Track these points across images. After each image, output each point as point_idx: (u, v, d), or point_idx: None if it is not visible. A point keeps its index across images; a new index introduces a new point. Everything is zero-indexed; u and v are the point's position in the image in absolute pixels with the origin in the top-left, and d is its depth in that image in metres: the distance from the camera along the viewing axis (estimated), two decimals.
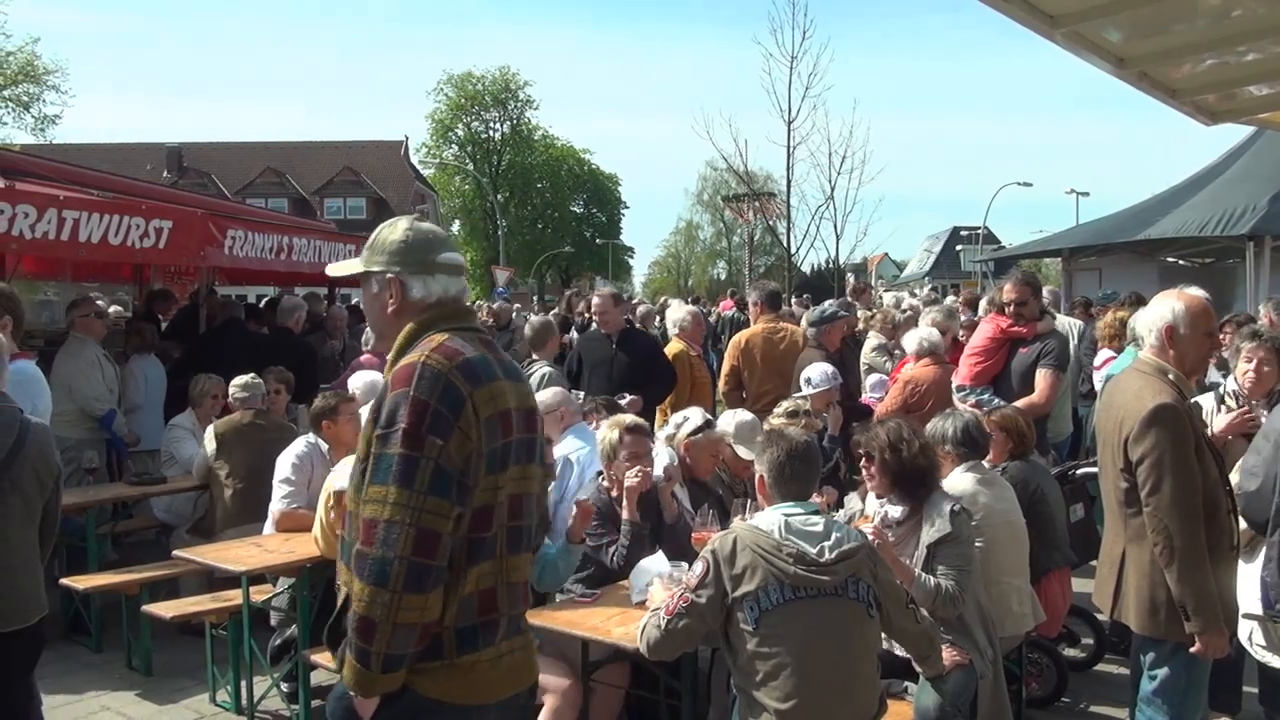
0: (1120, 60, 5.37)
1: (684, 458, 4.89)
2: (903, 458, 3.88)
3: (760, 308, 7.89)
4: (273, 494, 5.38)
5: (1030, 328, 6.09)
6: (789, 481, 3.18)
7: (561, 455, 5.14)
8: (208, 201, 11.27)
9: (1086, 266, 16.40)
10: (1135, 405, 3.29)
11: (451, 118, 61.13)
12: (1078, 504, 5.41)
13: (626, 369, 7.08)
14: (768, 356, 7.45)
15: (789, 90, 20.80)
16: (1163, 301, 3.45)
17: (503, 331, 11.81)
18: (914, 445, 3.90)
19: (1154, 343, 3.41)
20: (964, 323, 8.36)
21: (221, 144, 54.50)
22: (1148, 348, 3.46)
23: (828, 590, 2.99)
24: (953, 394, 6.23)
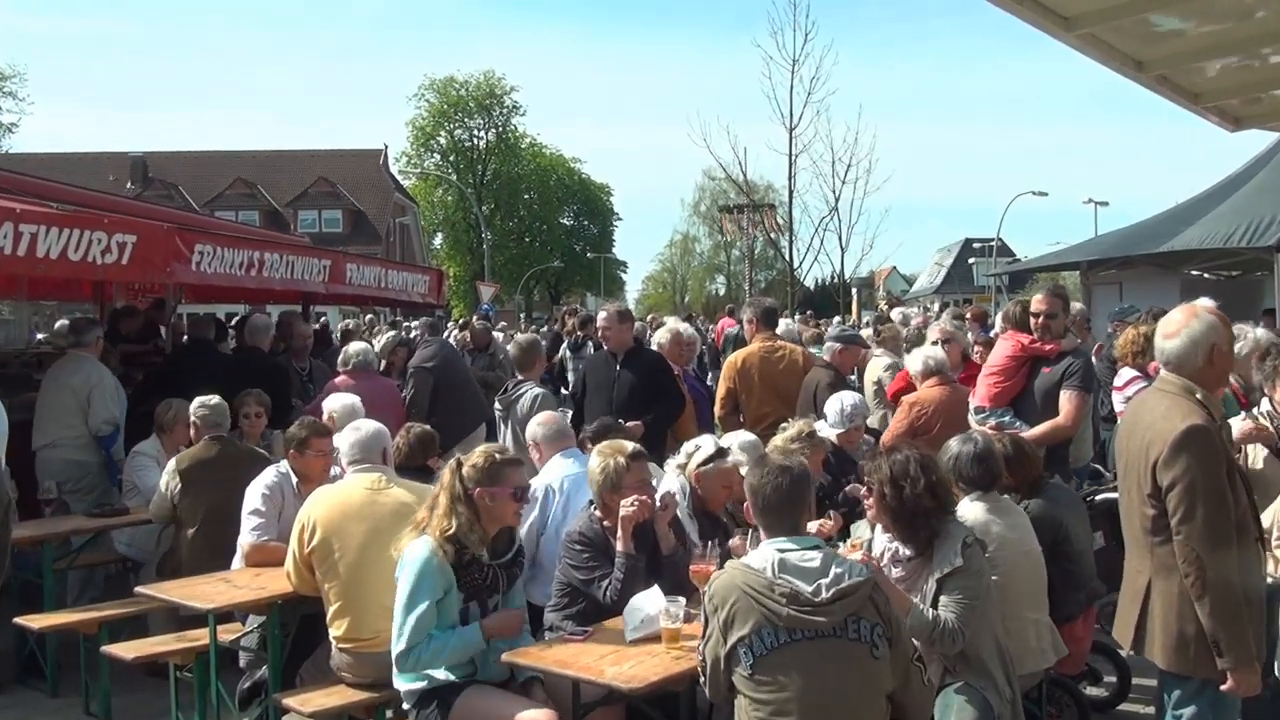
0: (1139, 63, 5.42)
1: (695, 488, 4.88)
2: (903, 496, 3.77)
3: (755, 325, 7.85)
4: (241, 525, 5.36)
5: (1054, 345, 6.06)
6: (770, 510, 3.17)
7: (545, 483, 5.14)
8: (174, 214, 11.28)
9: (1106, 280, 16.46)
10: (1164, 427, 3.28)
11: (433, 125, 61.33)
12: (1098, 531, 5.40)
13: (629, 391, 7.04)
14: (766, 377, 7.44)
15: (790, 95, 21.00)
16: (1197, 320, 3.42)
17: (481, 354, 11.77)
18: (919, 484, 3.77)
19: (1199, 364, 3.38)
20: (979, 339, 8.37)
21: (189, 153, 54.52)
22: (1188, 369, 3.41)
23: (825, 631, 2.97)
24: (969, 416, 6.22)
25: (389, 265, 12.09)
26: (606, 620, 4.15)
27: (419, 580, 3.86)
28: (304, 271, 8.65)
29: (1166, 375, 3.47)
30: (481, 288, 30.91)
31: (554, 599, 4.46)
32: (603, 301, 54.02)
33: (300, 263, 8.66)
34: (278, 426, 7.22)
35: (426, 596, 3.85)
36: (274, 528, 5.29)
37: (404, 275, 11.17)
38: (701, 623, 3.21)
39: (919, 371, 6.76)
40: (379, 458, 4.89)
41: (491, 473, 4.01)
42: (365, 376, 7.99)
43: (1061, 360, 6.01)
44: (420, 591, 3.85)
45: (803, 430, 5.54)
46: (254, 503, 5.34)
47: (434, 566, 3.87)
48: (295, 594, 4.74)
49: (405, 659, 3.83)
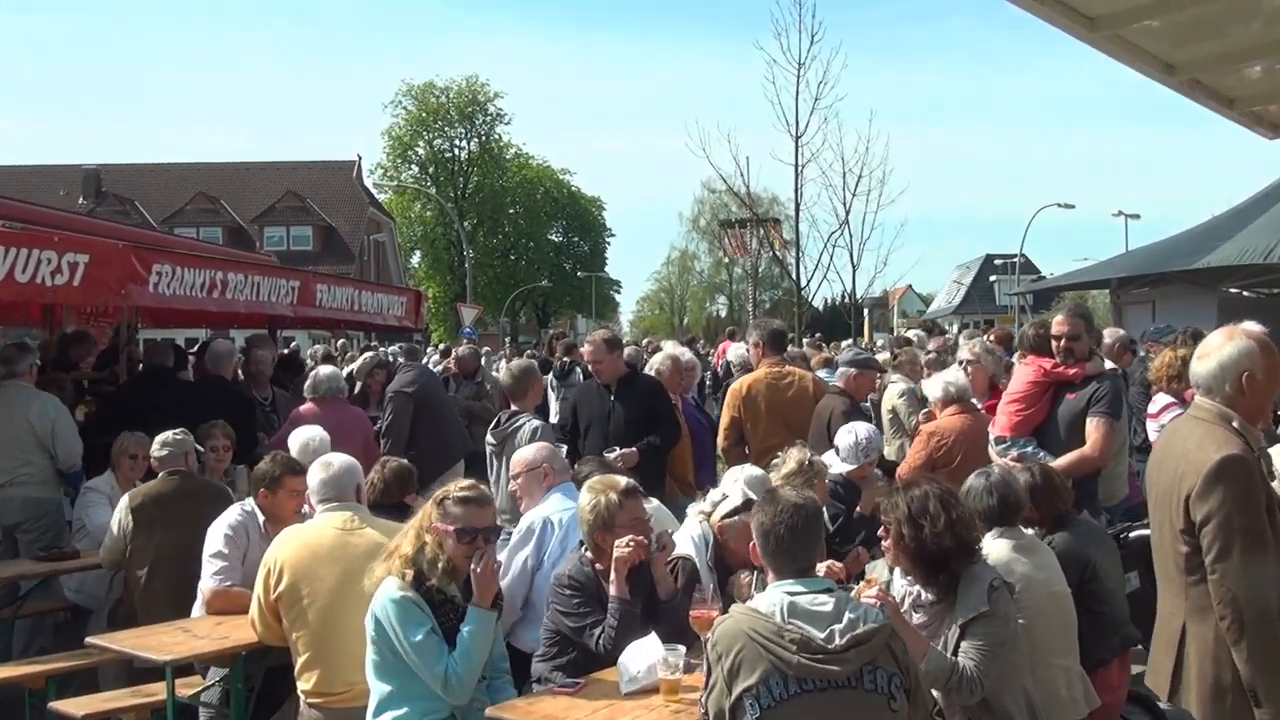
0: (1169, 67, 5.47)
1: (719, 539, 4.86)
2: (922, 536, 3.76)
3: (762, 349, 7.86)
4: (203, 569, 5.33)
5: (1079, 369, 6.06)
6: (777, 551, 3.17)
7: (543, 516, 5.12)
8: (130, 232, 11.29)
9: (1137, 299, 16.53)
10: (1197, 457, 3.29)
11: (411, 134, 61.56)
12: (1132, 572, 5.40)
13: (626, 424, 7.03)
14: (774, 405, 7.44)
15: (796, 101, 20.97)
16: (1233, 344, 3.42)
17: (468, 381, 11.76)
18: (939, 522, 3.76)
19: (1229, 392, 3.38)
20: None
21: (146, 166, 54.62)
22: (1218, 396, 3.42)
23: (839, 681, 2.96)
24: (989, 447, 6.23)
25: (363, 286, 12.11)
26: (599, 671, 4.13)
27: (403, 617, 3.86)
28: (270, 293, 8.65)
29: (1201, 401, 3.47)
30: (463, 310, 30.89)
31: (542, 648, 4.44)
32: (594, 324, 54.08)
33: (266, 283, 8.67)
34: (242, 461, 7.21)
35: (421, 624, 3.86)
36: (238, 572, 5.26)
37: (379, 297, 11.18)
38: (704, 672, 3.20)
39: (938, 398, 6.76)
40: (351, 495, 4.88)
41: (443, 507, 4.03)
42: (334, 405, 7.99)
43: (1087, 385, 6.00)
44: (411, 626, 3.85)
45: (801, 462, 5.52)
46: (216, 544, 5.32)
47: (410, 601, 3.88)
48: (261, 644, 4.71)
49: (452, 688, 3.86)
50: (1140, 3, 4.74)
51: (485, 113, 62.73)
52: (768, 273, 58.95)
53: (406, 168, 62.61)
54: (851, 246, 22.82)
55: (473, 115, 62.37)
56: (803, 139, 21.10)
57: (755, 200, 27.67)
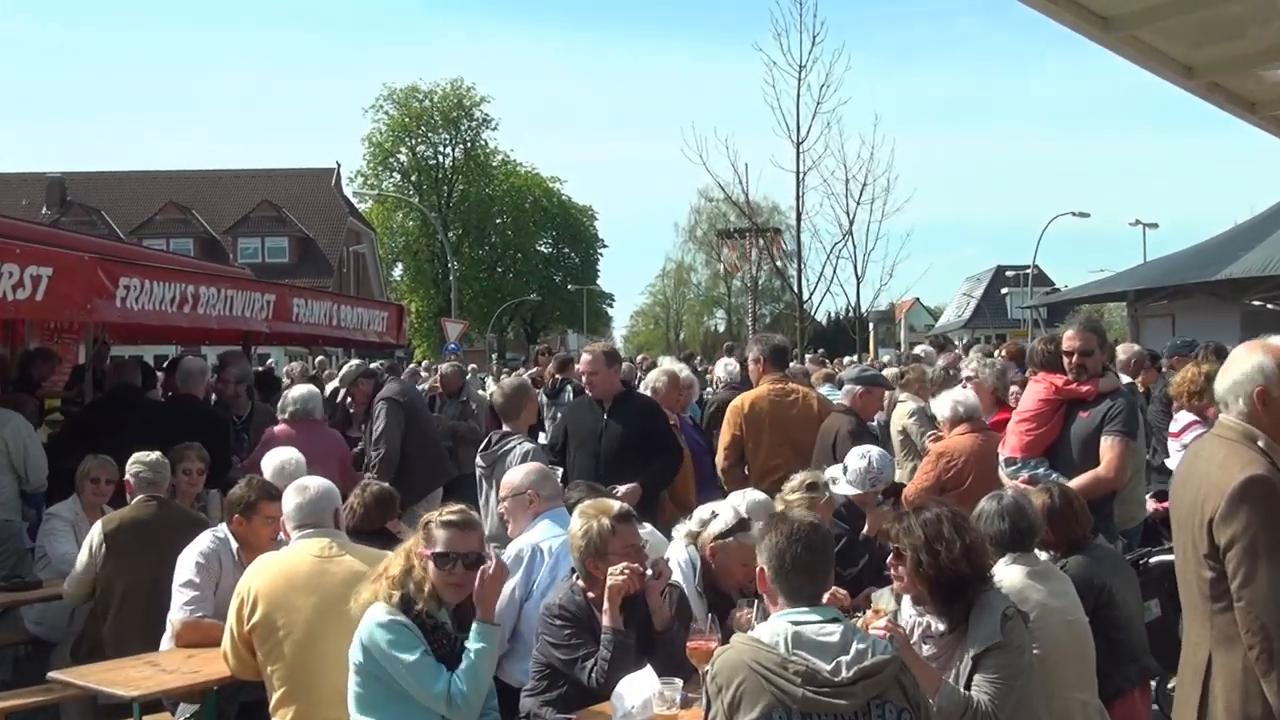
0: (1188, 69, 5.50)
1: (708, 562, 4.85)
2: (940, 562, 3.76)
3: (763, 365, 7.86)
4: (173, 600, 5.32)
5: (1092, 385, 6.08)
6: (792, 574, 3.17)
7: (532, 543, 5.12)
8: (96, 243, 11.27)
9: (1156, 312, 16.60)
10: (1220, 478, 3.29)
11: (393, 141, 61.68)
12: (1152, 600, 5.40)
13: (618, 444, 7.02)
14: (777, 423, 7.44)
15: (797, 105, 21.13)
16: (1247, 358, 3.43)
17: (452, 400, 11.75)
18: (955, 547, 3.77)
19: (1241, 409, 3.40)
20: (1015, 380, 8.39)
21: (114, 174, 54.66)
22: (1233, 413, 3.45)
23: (845, 716, 2.96)
24: (999, 469, 6.24)
25: (342, 300, 12.10)
26: (593, 706, 4.13)
27: (394, 640, 3.86)
28: (245, 307, 8.65)
29: (1224, 419, 3.48)
30: (448, 325, 30.92)
31: (531, 682, 4.44)
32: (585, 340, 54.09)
33: (240, 297, 8.66)
34: (214, 485, 7.19)
35: (414, 645, 3.85)
36: (210, 602, 5.25)
37: (359, 311, 11.18)
38: (703, 707, 3.20)
39: (946, 417, 6.78)
40: (329, 520, 4.87)
41: (427, 530, 4.04)
42: (308, 427, 7.98)
43: (1100, 403, 6.02)
44: (403, 648, 3.85)
45: (803, 481, 5.52)
46: (187, 573, 5.30)
47: (400, 624, 3.88)
48: (234, 679, 4.70)
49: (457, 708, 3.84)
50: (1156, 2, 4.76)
51: (471, 118, 62.88)
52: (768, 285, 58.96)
53: (388, 176, 62.69)
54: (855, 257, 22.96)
55: (457, 120, 62.50)
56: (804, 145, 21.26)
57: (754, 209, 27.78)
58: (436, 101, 62.00)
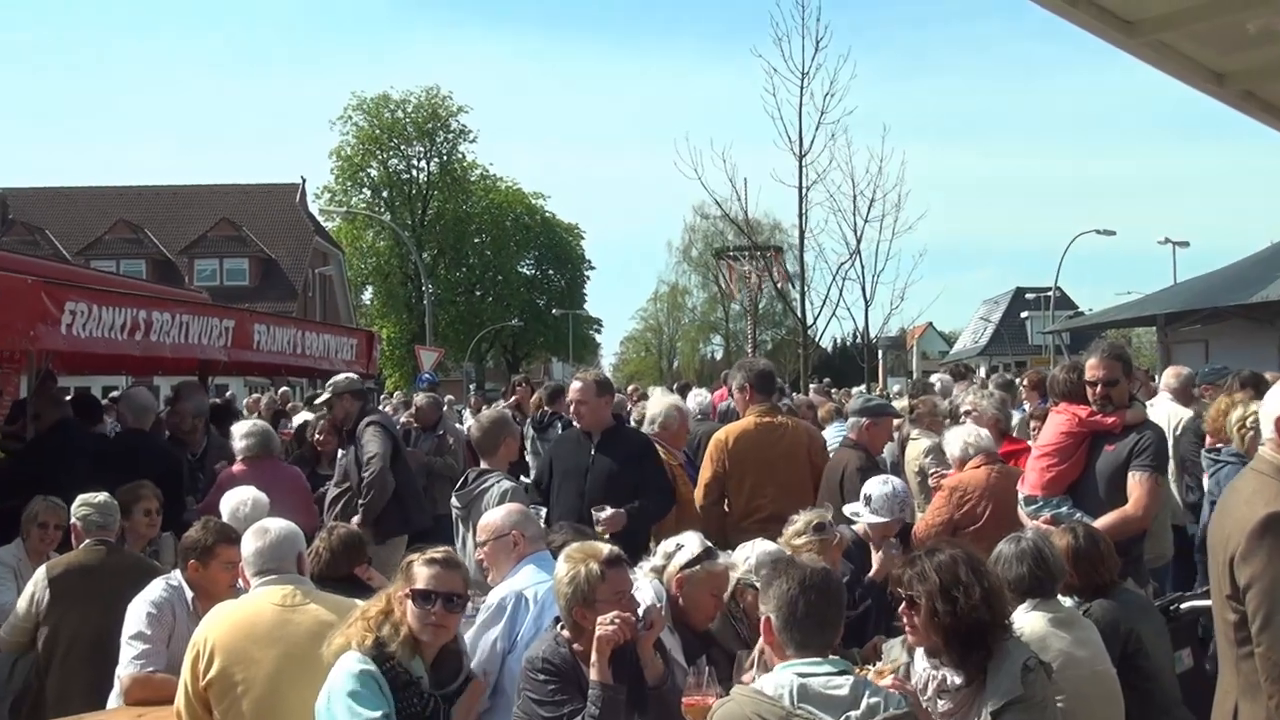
0: (1218, 76, 5.55)
1: (676, 596, 4.86)
2: (958, 610, 3.76)
3: (749, 394, 7.82)
4: (121, 653, 5.29)
5: (1118, 417, 6.10)
6: (802, 624, 3.17)
7: (514, 591, 5.11)
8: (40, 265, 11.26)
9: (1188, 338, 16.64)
10: (1244, 514, 3.31)
11: (362, 154, 61.83)
12: (1184, 649, 5.40)
13: (607, 480, 7.01)
14: (764, 459, 7.41)
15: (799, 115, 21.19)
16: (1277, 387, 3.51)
17: (428, 434, 11.74)
18: (974, 592, 3.78)
19: (1272, 437, 3.43)
20: (1033, 412, 8.41)
21: (60, 190, 54.68)
22: (1268, 445, 3.47)
23: None
24: (1019, 507, 6.25)
25: (307, 326, 12.09)
26: None
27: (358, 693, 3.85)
28: (201, 334, 8.64)
29: (1261, 451, 3.51)
30: (422, 353, 30.94)
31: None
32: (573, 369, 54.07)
33: (197, 324, 8.66)
34: (168, 528, 7.17)
35: (375, 705, 3.84)
36: (162, 656, 5.22)
37: (326, 338, 11.17)
38: None
39: (957, 456, 6.82)
40: (292, 566, 4.86)
41: (409, 570, 4.06)
42: (266, 464, 7.96)
43: (1127, 435, 6.03)
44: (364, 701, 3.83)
45: (810, 522, 5.53)
46: (137, 624, 5.28)
47: (369, 675, 3.86)
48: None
49: None
50: (1182, 5, 4.81)
51: (447, 129, 63.08)
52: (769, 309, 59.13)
53: (357, 191, 62.80)
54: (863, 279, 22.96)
55: (433, 132, 62.69)
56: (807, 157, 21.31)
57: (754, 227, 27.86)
58: (409, 112, 62.19)
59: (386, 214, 60.12)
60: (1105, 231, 42.92)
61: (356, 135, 61.66)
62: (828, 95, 21.06)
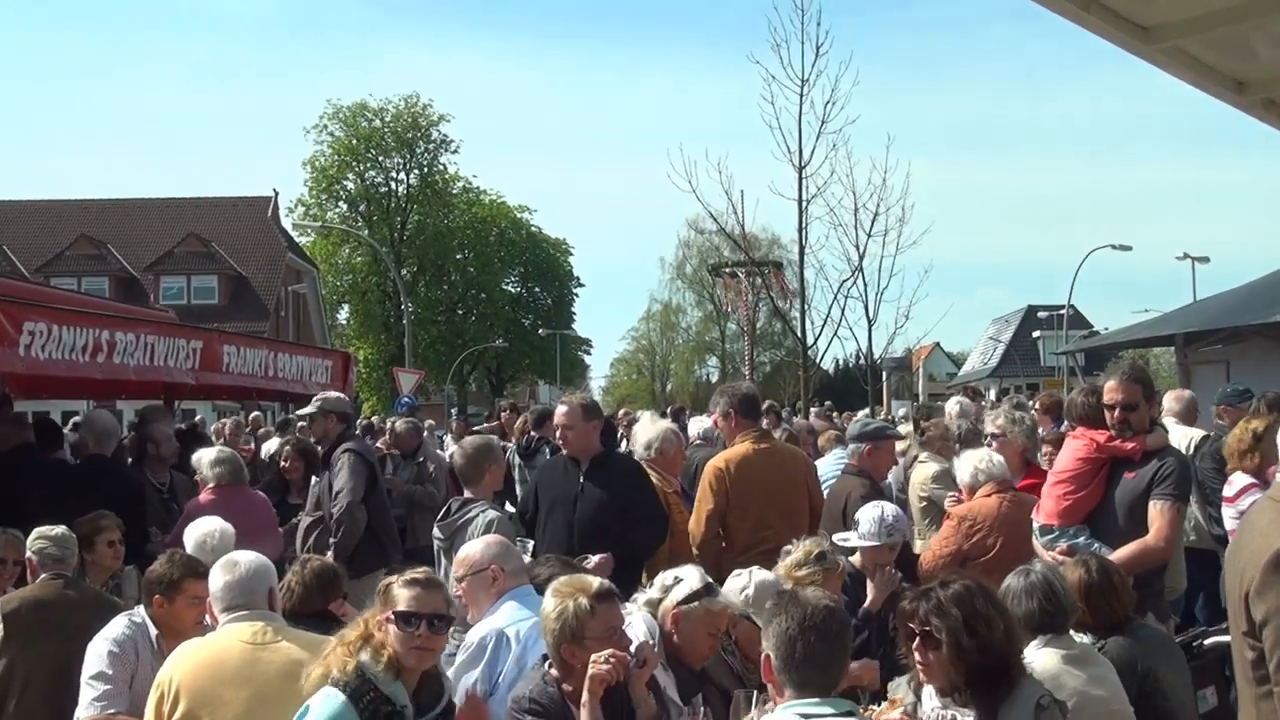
0: (1239, 84, 5.57)
1: (670, 633, 4.84)
2: (984, 644, 3.77)
3: (735, 419, 7.74)
4: (81, 694, 5.26)
5: (1138, 443, 6.09)
6: (801, 665, 3.16)
7: (495, 629, 5.09)
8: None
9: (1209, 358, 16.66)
10: (1260, 545, 3.30)
11: (338, 165, 61.97)
12: (1207, 688, 5.40)
13: (595, 509, 6.98)
14: (768, 487, 7.35)
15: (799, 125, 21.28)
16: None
17: (407, 462, 11.71)
18: (997, 626, 3.79)
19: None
20: (1047, 437, 8.40)
21: (18, 203, 54.63)
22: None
23: None
24: (1034, 538, 6.24)
25: (279, 347, 12.10)
26: None
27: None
28: (167, 356, 8.63)
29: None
30: (401, 375, 30.91)
31: None
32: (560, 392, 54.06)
33: (163, 345, 8.65)
34: (131, 561, 7.13)
35: None
36: (124, 697, 5.20)
37: (299, 360, 11.16)
38: None
39: (967, 484, 6.82)
40: (262, 601, 4.84)
41: (388, 592, 4.06)
42: (235, 493, 7.94)
43: (1148, 462, 6.02)
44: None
45: (810, 551, 5.52)
46: (98, 663, 5.25)
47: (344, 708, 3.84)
48: None
49: None
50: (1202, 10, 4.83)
51: (428, 139, 63.27)
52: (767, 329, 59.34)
53: (333, 205, 62.91)
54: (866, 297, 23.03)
55: (413, 142, 62.88)
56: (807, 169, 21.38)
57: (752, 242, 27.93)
58: (388, 121, 62.39)
59: (364, 229, 60.17)
60: (1121, 246, 43.11)
61: (332, 146, 61.82)
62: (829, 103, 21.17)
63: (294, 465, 9.76)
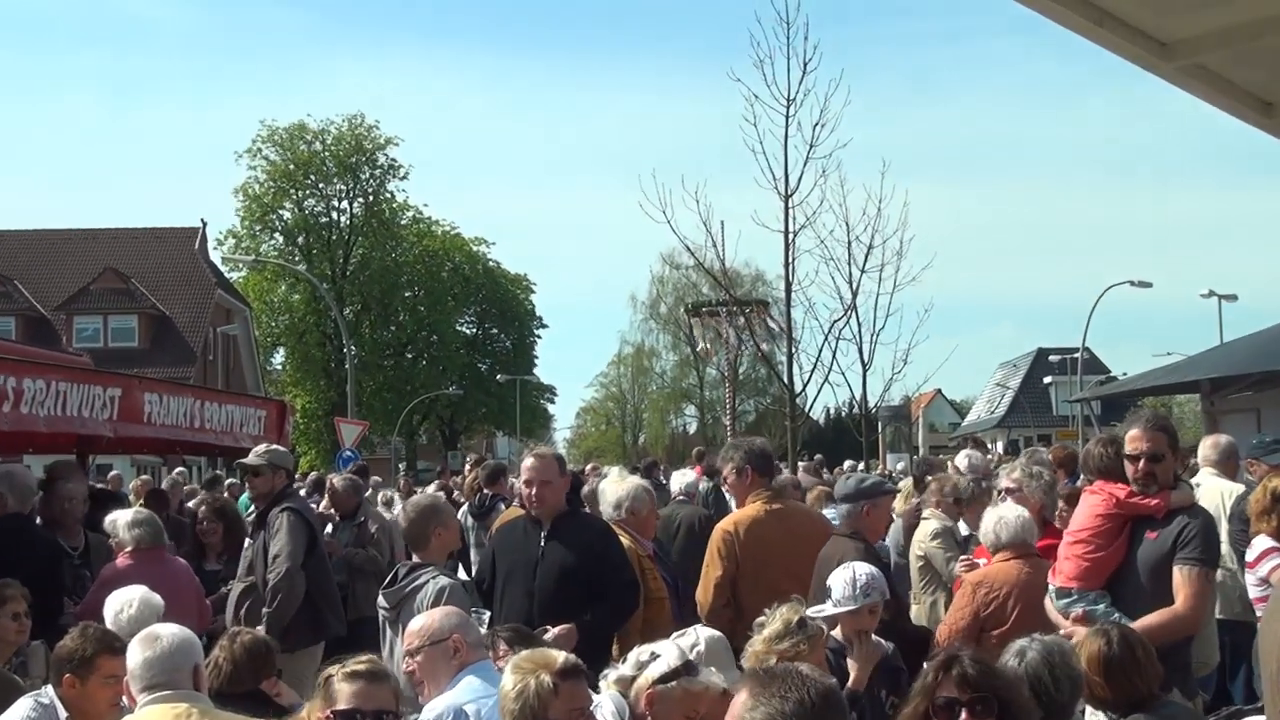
0: (1267, 105, 5.62)
1: (644, 715, 4.82)
2: None
3: (750, 476, 7.79)
4: None
5: (1161, 499, 6.09)
6: None
7: (453, 706, 5.07)
8: None
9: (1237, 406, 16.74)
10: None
11: (274, 193, 62.00)
12: None
13: (559, 576, 6.96)
14: (785, 551, 7.34)
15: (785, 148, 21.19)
16: None
17: (346, 523, 11.64)
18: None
19: None
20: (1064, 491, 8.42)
21: None
22: None
23: None
24: (1048, 601, 6.24)
25: (207, 395, 12.06)
26: None
27: None
28: (82, 405, 8.59)
29: None
30: (343, 426, 30.74)
31: None
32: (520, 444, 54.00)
33: (76, 392, 8.61)
34: (38, 635, 7.07)
35: None
36: None
37: (229, 409, 11.13)
38: None
39: (990, 543, 6.80)
40: (187, 680, 4.81)
41: (328, 685, 4.06)
42: (155, 558, 7.88)
43: (1171, 522, 6.02)
44: None
45: (789, 621, 5.50)
46: None
47: None
48: None
49: None
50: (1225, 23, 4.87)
51: (373, 164, 63.38)
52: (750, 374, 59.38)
53: (267, 237, 62.92)
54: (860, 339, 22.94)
55: (356, 167, 62.95)
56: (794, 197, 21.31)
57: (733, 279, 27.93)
58: (329, 144, 62.47)
59: (302, 263, 60.12)
60: (1140, 283, 43.42)
61: (267, 171, 61.85)
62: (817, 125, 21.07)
63: (212, 527, 9.68)
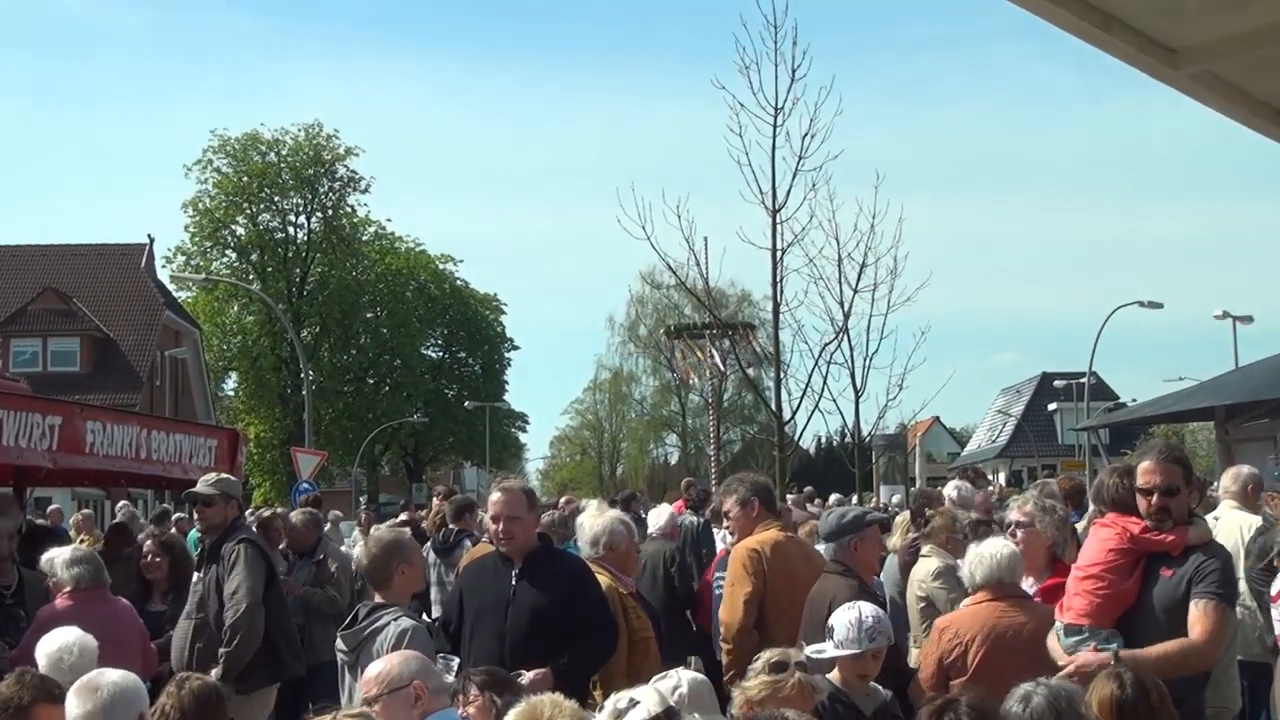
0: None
1: None
2: None
3: (758, 509, 7.94)
4: None
5: (1178, 535, 6.10)
6: None
7: None
8: None
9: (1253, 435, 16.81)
10: None
11: (225, 207, 61.86)
12: None
13: (531, 617, 6.96)
14: (808, 582, 7.39)
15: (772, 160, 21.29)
16: None
17: (305, 560, 11.59)
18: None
19: None
20: None
21: None
22: None
23: None
24: (1054, 639, 6.23)
25: (153, 423, 12.02)
26: None
27: None
28: (19, 434, 8.58)
29: None
30: (300, 456, 30.66)
31: None
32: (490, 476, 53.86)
33: (13, 420, 8.60)
34: None
35: None
36: None
37: (177, 438, 11.11)
38: None
39: (973, 581, 6.80)
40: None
41: None
42: (97, 598, 7.85)
43: (1187, 560, 6.04)
44: None
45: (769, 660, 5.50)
46: None
47: None
48: None
49: None
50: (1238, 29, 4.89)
51: (332, 176, 63.28)
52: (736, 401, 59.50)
53: (219, 254, 62.76)
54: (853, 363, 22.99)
55: (314, 180, 62.86)
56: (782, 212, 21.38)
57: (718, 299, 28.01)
58: (285, 155, 62.37)
59: (256, 282, 59.97)
60: (1151, 304, 43.55)
61: (218, 184, 61.65)
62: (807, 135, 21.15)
63: (156, 563, 9.59)
